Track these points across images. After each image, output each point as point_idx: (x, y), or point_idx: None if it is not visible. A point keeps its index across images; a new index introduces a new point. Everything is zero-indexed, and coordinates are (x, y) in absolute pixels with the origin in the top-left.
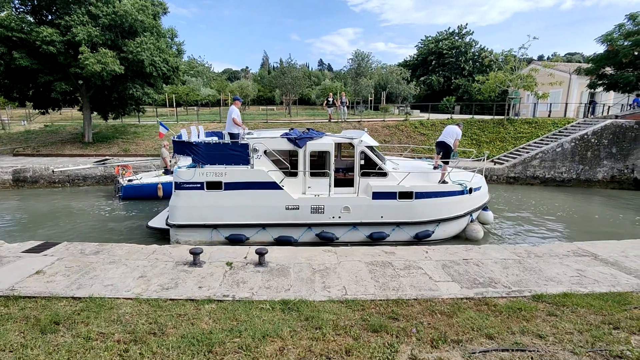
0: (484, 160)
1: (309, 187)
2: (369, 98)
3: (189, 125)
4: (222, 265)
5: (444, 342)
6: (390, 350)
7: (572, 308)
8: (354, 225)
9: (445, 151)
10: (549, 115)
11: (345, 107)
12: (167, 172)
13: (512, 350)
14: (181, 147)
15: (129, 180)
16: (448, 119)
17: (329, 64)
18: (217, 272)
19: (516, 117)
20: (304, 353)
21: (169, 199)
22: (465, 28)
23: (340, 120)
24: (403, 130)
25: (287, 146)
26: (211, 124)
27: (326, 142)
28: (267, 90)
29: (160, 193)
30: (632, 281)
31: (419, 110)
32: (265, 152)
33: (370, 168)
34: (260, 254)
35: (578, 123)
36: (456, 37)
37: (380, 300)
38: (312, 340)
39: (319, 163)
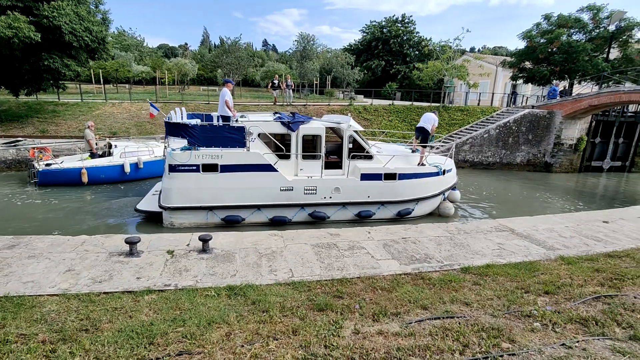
0: (452, 145)
1: (300, 169)
2: (315, 82)
3: (120, 104)
4: (163, 253)
5: (384, 315)
6: (335, 327)
7: (493, 277)
8: (344, 204)
9: (423, 136)
10: (479, 104)
11: (291, 90)
12: (94, 155)
13: (443, 318)
14: (175, 129)
15: (47, 165)
16: (390, 104)
17: (273, 44)
18: (157, 261)
19: (450, 105)
20: (251, 336)
21: (97, 184)
22: (409, 18)
23: (285, 103)
24: (348, 115)
25: (281, 129)
26: (146, 103)
27: (318, 127)
28: (208, 70)
29: (85, 179)
30: (540, 251)
31: (362, 96)
32: (259, 135)
33: (356, 151)
34: (204, 240)
35: (502, 112)
36: (399, 25)
37: (326, 280)
38: (259, 324)
39: (308, 146)
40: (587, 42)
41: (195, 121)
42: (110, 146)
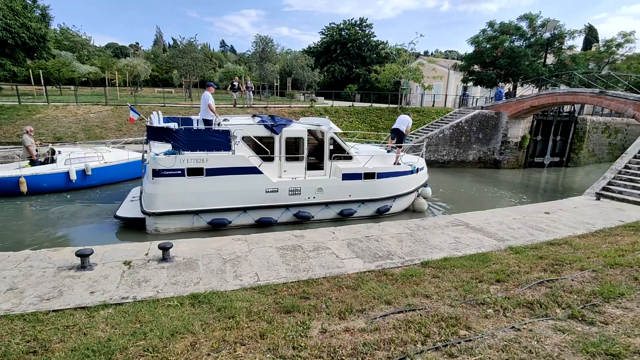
0: (424, 144)
1: (284, 171)
2: (275, 84)
3: (64, 107)
4: (119, 265)
5: (350, 313)
6: (303, 328)
7: (450, 269)
8: (327, 204)
9: (398, 137)
10: (433, 105)
11: (251, 92)
12: (34, 162)
13: (405, 311)
14: (159, 134)
15: None
16: (350, 106)
17: (231, 45)
18: (113, 273)
19: (407, 106)
20: (218, 344)
21: (39, 194)
22: (366, 22)
23: (246, 105)
24: (309, 116)
25: (264, 132)
26: (94, 106)
27: (300, 129)
28: (162, 71)
29: (24, 188)
30: (492, 243)
31: (323, 97)
32: (242, 138)
33: (336, 152)
34: (164, 248)
35: (455, 112)
36: (357, 29)
37: (292, 282)
38: (226, 330)
39: (290, 148)
40: (527, 48)
41: (173, 125)
42: (53, 152)
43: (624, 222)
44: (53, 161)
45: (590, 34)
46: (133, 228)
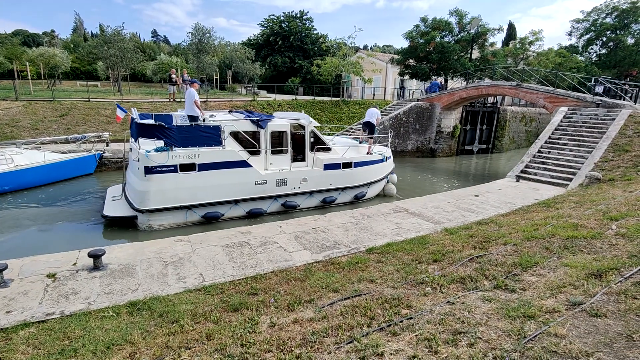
0: (389, 135)
1: (270, 164)
2: (214, 77)
3: None
4: (41, 278)
5: (299, 304)
6: (251, 324)
7: (393, 254)
8: (311, 193)
9: (370, 129)
10: (374, 98)
11: (189, 85)
12: None
13: (352, 297)
14: (150, 131)
15: None
16: (293, 99)
17: (165, 36)
18: (35, 288)
19: (349, 99)
20: (160, 351)
21: None
22: (306, 14)
23: (184, 100)
24: (252, 110)
25: (251, 127)
26: (2, 102)
27: (284, 123)
28: (85, 63)
29: None
30: (430, 226)
31: (265, 91)
32: (230, 133)
33: (316, 144)
34: (95, 256)
35: (393, 105)
36: (298, 21)
37: (239, 279)
38: (169, 336)
39: (274, 142)
40: (456, 43)
41: (149, 121)
42: None
43: (538, 200)
44: None
45: (512, 31)
46: (115, 227)
